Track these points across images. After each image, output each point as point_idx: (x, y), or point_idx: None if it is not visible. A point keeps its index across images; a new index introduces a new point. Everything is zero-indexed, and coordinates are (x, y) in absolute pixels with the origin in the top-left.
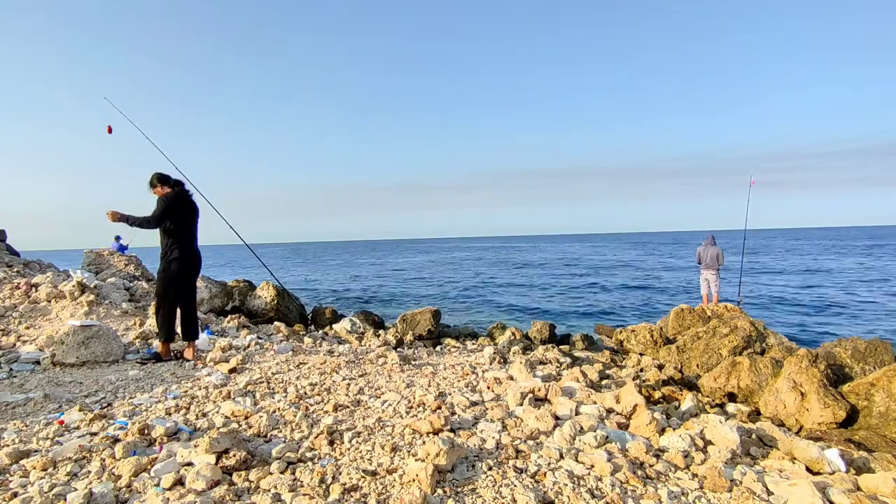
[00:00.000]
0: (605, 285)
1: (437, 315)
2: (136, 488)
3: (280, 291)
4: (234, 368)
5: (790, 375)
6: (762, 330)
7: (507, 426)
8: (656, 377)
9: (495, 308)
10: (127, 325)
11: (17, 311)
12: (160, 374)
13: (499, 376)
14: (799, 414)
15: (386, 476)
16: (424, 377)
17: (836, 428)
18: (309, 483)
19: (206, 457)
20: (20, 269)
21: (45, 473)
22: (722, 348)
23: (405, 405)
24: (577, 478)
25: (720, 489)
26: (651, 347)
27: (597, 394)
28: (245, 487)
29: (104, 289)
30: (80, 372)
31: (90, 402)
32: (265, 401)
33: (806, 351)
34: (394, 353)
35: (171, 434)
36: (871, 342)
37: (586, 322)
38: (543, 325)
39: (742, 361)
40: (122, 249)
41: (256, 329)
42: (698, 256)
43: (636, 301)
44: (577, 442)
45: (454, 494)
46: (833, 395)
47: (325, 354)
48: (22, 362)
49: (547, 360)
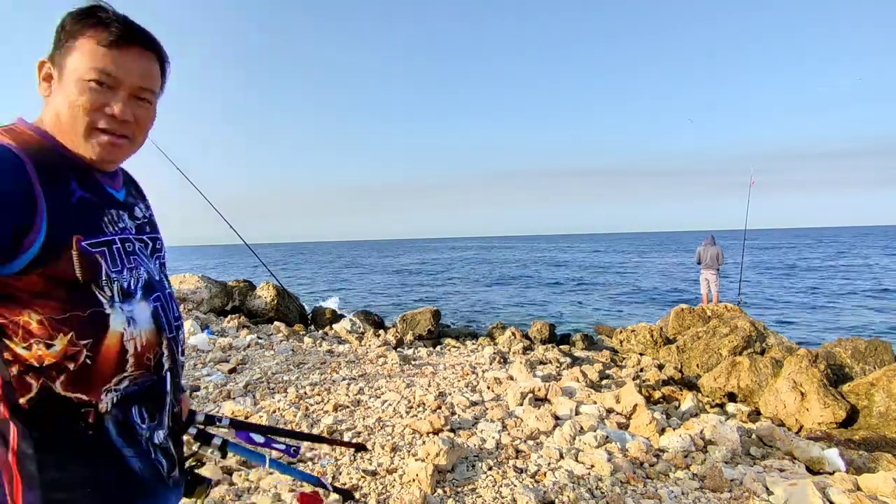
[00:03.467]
0: (603, 284)
1: (436, 315)
2: None
3: (280, 291)
4: (234, 368)
5: (790, 375)
6: (762, 330)
7: (507, 426)
8: (656, 377)
9: (495, 308)
10: None
11: None
12: None
13: (499, 376)
14: (799, 414)
15: (386, 476)
16: (424, 377)
17: (836, 428)
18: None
19: None
20: None
21: None
22: (722, 348)
23: (405, 405)
24: (577, 478)
25: (720, 489)
26: (651, 347)
27: (597, 394)
28: (245, 487)
29: None
30: None
31: None
32: (265, 401)
33: (806, 351)
34: (394, 353)
35: None
36: (871, 342)
37: (586, 322)
38: (543, 325)
39: (742, 361)
40: None
41: (256, 329)
42: (698, 256)
43: (636, 301)
44: (577, 442)
45: (454, 494)
46: (833, 395)
47: (325, 354)
48: None
49: (547, 360)
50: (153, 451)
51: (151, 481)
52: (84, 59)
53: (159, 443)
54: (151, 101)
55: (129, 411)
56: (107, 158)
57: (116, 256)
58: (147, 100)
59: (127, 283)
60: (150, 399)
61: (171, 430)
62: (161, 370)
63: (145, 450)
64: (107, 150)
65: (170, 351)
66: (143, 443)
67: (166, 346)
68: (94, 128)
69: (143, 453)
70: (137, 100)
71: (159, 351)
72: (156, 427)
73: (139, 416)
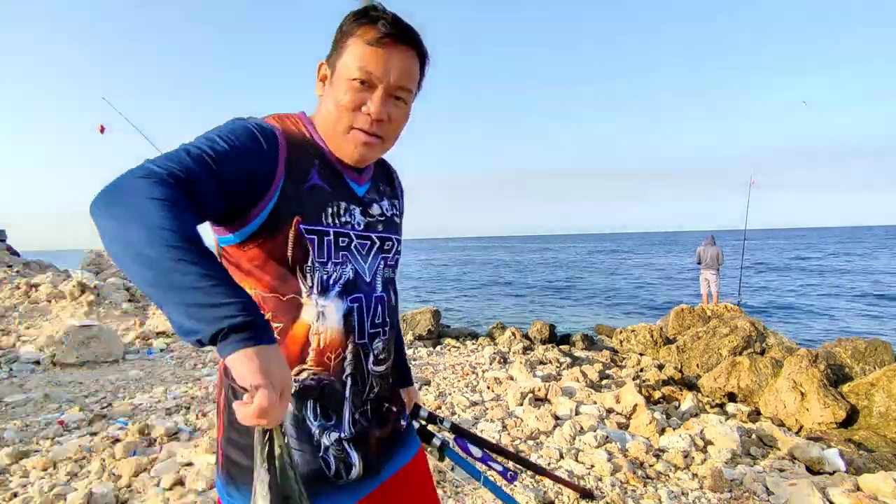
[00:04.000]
0: (603, 284)
1: (436, 315)
2: (136, 488)
3: None
4: None
5: (790, 375)
6: (762, 330)
7: (508, 426)
8: (656, 377)
9: (495, 308)
10: (127, 325)
11: (17, 311)
12: (160, 374)
13: (499, 376)
14: (799, 414)
15: None
16: (424, 377)
17: (836, 428)
18: None
19: (206, 457)
20: (20, 269)
21: (45, 473)
22: (722, 348)
23: None
24: (578, 478)
25: (720, 489)
26: (651, 347)
27: (597, 394)
28: None
29: (104, 289)
30: (80, 372)
31: (90, 402)
32: None
33: (806, 351)
34: None
35: (171, 434)
36: (871, 342)
37: (586, 322)
38: (543, 325)
39: (742, 361)
40: None
41: None
42: (698, 256)
43: (636, 300)
44: (577, 442)
45: (454, 494)
46: (833, 395)
47: None
48: (22, 362)
49: (547, 360)
50: (322, 449)
51: (309, 476)
52: (351, 58)
53: (330, 444)
54: (407, 100)
55: (304, 404)
56: (358, 157)
57: (325, 248)
58: (403, 99)
59: (327, 276)
60: (327, 398)
61: (360, 436)
62: (342, 374)
63: (313, 446)
64: (359, 150)
65: (355, 356)
66: (311, 438)
67: (351, 351)
68: (352, 126)
69: (309, 448)
70: (394, 99)
71: (342, 354)
72: (331, 428)
73: (312, 412)
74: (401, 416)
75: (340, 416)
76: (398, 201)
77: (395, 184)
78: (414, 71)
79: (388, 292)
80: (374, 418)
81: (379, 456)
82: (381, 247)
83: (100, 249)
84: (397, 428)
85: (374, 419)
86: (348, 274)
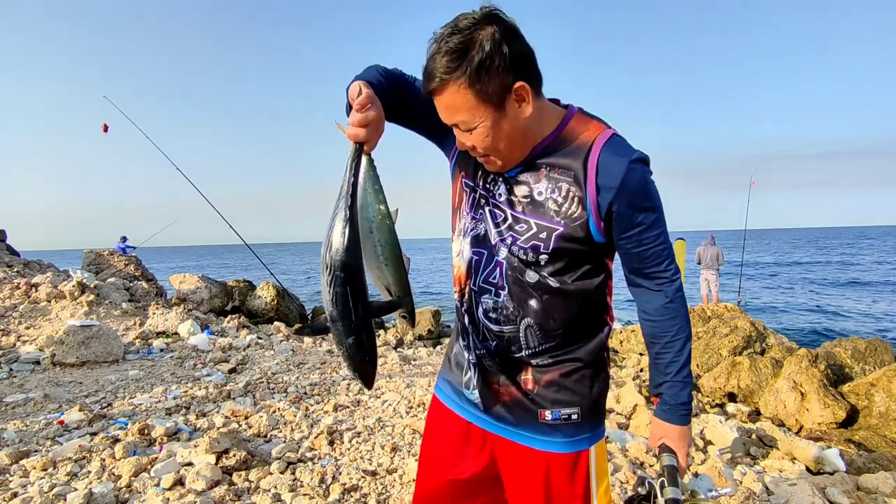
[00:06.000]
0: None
1: (437, 315)
2: (136, 488)
3: (280, 291)
4: (234, 368)
5: (790, 375)
6: (762, 330)
7: None
8: None
9: None
10: (127, 325)
11: (17, 311)
12: (160, 374)
13: None
14: (799, 414)
15: (386, 476)
16: (424, 377)
17: (836, 428)
18: (309, 483)
19: (206, 457)
20: (20, 269)
21: (45, 473)
22: (722, 348)
23: (405, 405)
24: None
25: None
26: None
27: None
28: (245, 487)
29: (104, 289)
30: (80, 372)
31: (90, 402)
32: (265, 401)
33: (806, 351)
34: (394, 353)
35: (171, 434)
36: (871, 342)
37: None
38: None
39: (742, 361)
40: (125, 250)
41: (256, 329)
42: (698, 256)
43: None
44: None
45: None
46: (833, 395)
47: (325, 354)
48: (22, 362)
49: None
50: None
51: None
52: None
53: (464, 359)
54: (472, 124)
55: (463, 316)
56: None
57: (470, 202)
58: (469, 127)
59: (465, 224)
60: (461, 320)
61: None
62: (462, 307)
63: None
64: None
65: (469, 299)
66: (460, 348)
67: (468, 293)
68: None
69: (459, 348)
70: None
71: (463, 289)
72: (463, 347)
73: (458, 324)
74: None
75: (467, 341)
76: (549, 191)
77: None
78: (458, 104)
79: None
80: (497, 366)
81: (497, 401)
82: (505, 221)
83: (100, 249)
84: (523, 401)
85: (497, 367)
86: (480, 230)
